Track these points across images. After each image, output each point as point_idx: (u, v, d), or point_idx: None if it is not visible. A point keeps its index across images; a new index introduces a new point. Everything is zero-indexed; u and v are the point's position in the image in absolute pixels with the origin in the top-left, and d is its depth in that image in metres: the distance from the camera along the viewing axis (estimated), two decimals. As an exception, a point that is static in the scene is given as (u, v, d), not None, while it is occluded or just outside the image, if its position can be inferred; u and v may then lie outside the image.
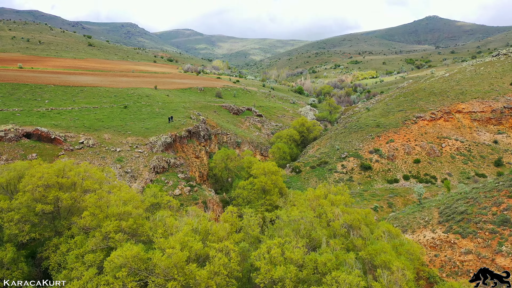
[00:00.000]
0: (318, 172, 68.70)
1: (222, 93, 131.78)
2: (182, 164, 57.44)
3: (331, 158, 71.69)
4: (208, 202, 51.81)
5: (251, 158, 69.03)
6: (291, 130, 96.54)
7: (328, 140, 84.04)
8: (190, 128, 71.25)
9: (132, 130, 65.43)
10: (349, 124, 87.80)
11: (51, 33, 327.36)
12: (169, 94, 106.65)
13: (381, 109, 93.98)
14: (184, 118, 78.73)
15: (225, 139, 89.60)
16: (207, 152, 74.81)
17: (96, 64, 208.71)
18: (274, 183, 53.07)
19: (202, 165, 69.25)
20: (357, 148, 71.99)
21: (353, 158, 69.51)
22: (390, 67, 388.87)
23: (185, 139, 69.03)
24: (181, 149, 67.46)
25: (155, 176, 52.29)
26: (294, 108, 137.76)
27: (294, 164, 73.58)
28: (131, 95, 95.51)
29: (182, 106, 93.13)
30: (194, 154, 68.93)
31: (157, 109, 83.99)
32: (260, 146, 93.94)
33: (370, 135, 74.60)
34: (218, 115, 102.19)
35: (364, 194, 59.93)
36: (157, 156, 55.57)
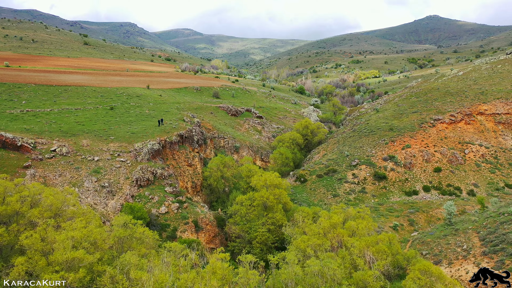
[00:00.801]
0: (326, 181, 61.03)
1: (220, 93, 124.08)
2: (170, 175, 49.68)
3: (340, 166, 64.03)
4: (200, 221, 44.09)
5: (251, 166, 61.50)
6: (294, 133, 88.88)
7: (336, 144, 76.36)
8: (182, 133, 63.54)
9: (116, 135, 57.74)
10: (358, 127, 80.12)
11: (46, 32, 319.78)
12: (162, 94, 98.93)
13: (392, 110, 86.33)
14: (177, 120, 71.03)
15: (222, 143, 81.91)
16: (202, 159, 67.10)
17: (90, 63, 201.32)
18: (278, 198, 45.42)
19: (195, 174, 61.55)
20: (369, 154, 64.33)
21: (365, 166, 61.87)
22: (392, 66, 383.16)
23: (177, 145, 61.34)
24: (172, 156, 59.76)
25: (138, 190, 44.57)
26: (296, 109, 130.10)
27: (299, 172, 65.92)
28: (120, 95, 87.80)
29: (175, 107, 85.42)
30: (187, 162, 61.22)
31: (147, 111, 76.30)
32: (260, 151, 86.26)
33: (383, 139, 66.97)
34: (215, 116, 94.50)
35: (380, 209, 52.28)
36: (141, 166, 47.86)
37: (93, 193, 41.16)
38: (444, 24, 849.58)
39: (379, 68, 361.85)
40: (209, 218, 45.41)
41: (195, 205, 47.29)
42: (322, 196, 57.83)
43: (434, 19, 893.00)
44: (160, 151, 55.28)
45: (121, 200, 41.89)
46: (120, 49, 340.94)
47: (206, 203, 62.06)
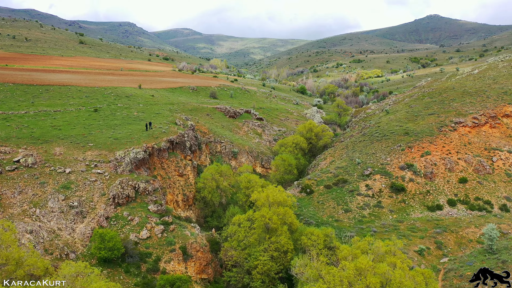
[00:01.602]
0: (335, 193, 53.69)
1: (218, 93, 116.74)
2: (156, 190, 42.29)
3: (351, 175, 56.69)
4: (190, 247, 36.74)
5: (250, 176, 54.29)
6: (297, 137, 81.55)
7: (344, 150, 69.03)
8: (172, 138, 56.18)
9: (96, 141, 50.42)
10: (369, 131, 72.77)
11: (40, 31, 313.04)
12: (154, 94, 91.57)
13: (404, 111, 79.02)
14: (168, 124, 63.70)
15: (219, 148, 74.58)
16: (195, 167, 59.70)
17: (84, 62, 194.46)
18: (282, 217, 38.11)
19: (187, 186, 54.17)
20: (383, 162, 57.00)
21: (379, 175, 54.54)
22: (394, 65, 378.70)
23: (166, 152, 53.99)
24: (160, 165, 52.41)
25: (115, 210, 37.20)
26: (298, 110, 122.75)
27: (304, 182, 58.58)
28: (107, 95, 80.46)
29: (167, 109, 78.09)
30: (177, 172, 53.85)
31: (135, 113, 68.97)
32: (260, 156, 78.94)
33: (398, 145, 59.64)
34: (211, 118, 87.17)
35: (400, 228, 44.99)
36: (121, 180, 40.49)
37: (58, 215, 33.81)
38: (444, 23, 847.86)
39: (381, 68, 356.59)
40: (201, 242, 38.03)
41: (184, 226, 39.90)
42: (331, 211, 50.48)
43: (434, 18, 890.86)
44: (145, 160, 47.92)
45: (92, 223, 34.54)
46: (117, 48, 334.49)
47: (200, 217, 54.80)
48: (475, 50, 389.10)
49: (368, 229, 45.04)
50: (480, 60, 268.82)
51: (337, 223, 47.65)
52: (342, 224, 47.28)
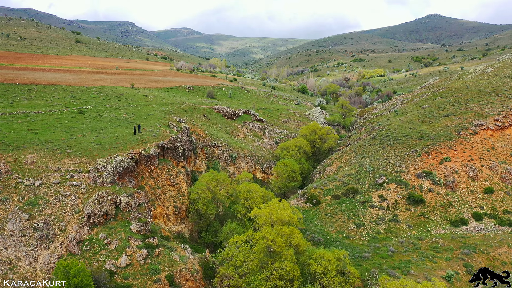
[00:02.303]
0: (345, 205, 47.98)
1: (216, 92, 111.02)
2: (141, 205, 36.52)
3: (361, 184, 50.96)
4: (178, 275, 30.98)
5: (250, 186, 48.56)
6: (300, 140, 75.86)
7: (352, 155, 63.27)
8: (163, 143, 50.40)
9: (76, 147, 44.69)
10: (378, 133, 67.03)
11: (36, 29, 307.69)
12: (147, 94, 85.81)
13: (415, 112, 73.34)
14: (159, 127, 57.98)
15: (216, 152, 68.85)
16: (188, 175, 53.88)
17: (78, 60, 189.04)
18: (288, 239, 32.44)
19: (179, 196, 48.41)
20: (398, 169, 51.27)
21: (394, 185, 48.83)
22: (396, 65, 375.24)
23: (156, 159, 48.25)
24: (149, 174, 46.67)
25: (90, 231, 31.45)
26: (300, 111, 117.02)
27: (310, 191, 52.85)
28: (96, 95, 74.71)
29: (160, 110, 72.39)
30: (168, 181, 48.09)
31: (124, 115, 63.23)
32: (261, 161, 73.21)
33: (414, 150, 53.89)
34: (208, 120, 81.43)
35: (421, 247, 39.29)
36: (100, 194, 34.73)
37: (18, 240, 28.08)
38: (445, 23, 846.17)
39: (382, 67, 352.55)
40: (192, 268, 32.23)
41: (173, 248, 34.11)
42: (341, 225, 44.77)
43: (435, 18, 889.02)
44: (131, 168, 42.16)
45: (60, 249, 28.80)
46: (114, 47, 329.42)
47: (193, 232, 49.05)
48: (477, 49, 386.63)
49: (385, 248, 39.34)
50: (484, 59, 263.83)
51: (348, 241, 41.95)
52: (354, 242, 41.57)
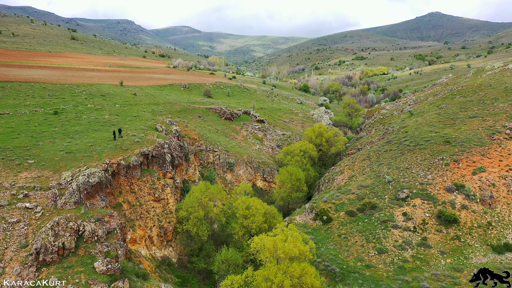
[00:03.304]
0: (362, 224, 40.42)
1: (213, 91, 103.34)
2: (111, 233, 28.95)
3: (380, 198, 43.42)
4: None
5: (250, 201, 40.97)
6: (305, 143, 68.28)
7: (366, 161, 55.63)
8: (147, 150, 42.77)
9: (41, 156, 37.11)
10: (395, 137, 59.40)
11: (31, 26, 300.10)
12: (137, 93, 78.17)
13: (434, 113, 65.81)
14: (145, 130, 50.37)
15: (212, 158, 61.24)
16: (178, 188, 46.19)
17: (71, 58, 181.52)
18: (299, 280, 24.91)
19: (165, 214, 40.80)
20: (423, 181, 43.70)
21: (420, 200, 41.28)
22: (398, 63, 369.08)
23: (138, 170, 40.63)
24: (129, 188, 39.06)
25: (37, 274, 23.80)
26: (303, 110, 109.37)
27: (319, 206, 45.27)
28: (78, 94, 67.06)
29: (150, 110, 64.78)
30: (153, 196, 40.48)
31: (107, 116, 55.60)
32: (262, 167, 65.61)
33: (440, 158, 46.30)
34: (203, 121, 73.80)
35: (460, 281, 31.63)
36: (57, 220, 27.17)
37: None
38: (446, 21, 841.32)
39: (385, 65, 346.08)
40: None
41: None
42: (359, 250, 37.23)
43: (436, 16, 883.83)
44: (104, 183, 34.55)
45: (-10, 304, 21.29)
46: (110, 45, 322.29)
47: (183, 256, 41.45)
48: (481, 47, 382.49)
49: (417, 283, 31.75)
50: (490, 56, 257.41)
51: (369, 271, 34.38)
52: (376, 274, 34.00)
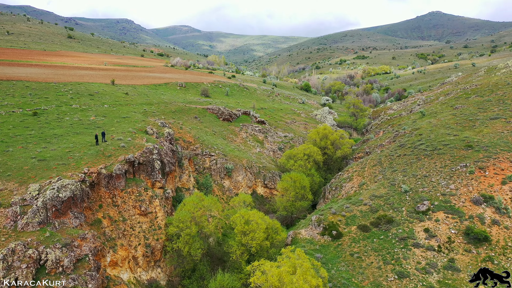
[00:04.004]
0: (378, 242, 35.40)
1: (211, 90, 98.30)
2: (83, 260, 23.87)
3: (397, 211, 38.39)
4: None
5: (249, 215, 36.05)
6: (309, 147, 63.22)
7: (377, 167, 50.59)
8: (132, 157, 37.70)
9: (8, 164, 32.09)
10: (407, 140, 54.34)
11: (27, 24, 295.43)
12: (129, 92, 73.17)
13: (448, 114, 60.82)
14: (133, 133, 45.35)
15: (208, 163, 56.22)
16: (168, 198, 41.08)
17: (66, 56, 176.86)
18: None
19: (153, 230, 35.75)
20: (445, 191, 38.66)
21: (443, 213, 36.26)
22: (400, 62, 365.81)
23: (122, 179, 35.58)
24: (111, 200, 34.03)
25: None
26: (306, 110, 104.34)
27: (327, 218, 40.25)
28: (64, 93, 62.03)
29: (141, 111, 59.76)
30: (138, 209, 35.44)
31: (92, 117, 50.57)
32: (262, 173, 60.58)
33: (463, 165, 41.26)
34: (200, 123, 68.77)
35: (499, 314, 26.68)
36: (13, 247, 22.14)
37: None
38: (447, 20, 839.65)
39: (386, 64, 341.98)
40: None
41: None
42: (376, 273, 32.21)
43: (437, 15, 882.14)
44: (79, 197, 29.51)
45: None
46: (108, 43, 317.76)
47: (173, 277, 36.39)
48: (483, 46, 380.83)
49: (448, 318, 26.78)
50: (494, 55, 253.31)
51: (389, 301, 29.38)
52: (398, 304, 28.98)
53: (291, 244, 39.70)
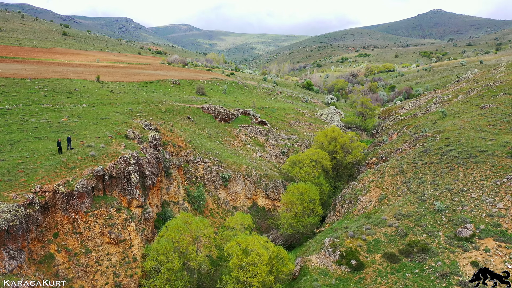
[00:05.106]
0: (412, 278, 27.88)
1: (207, 88, 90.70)
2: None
3: (432, 236, 30.88)
4: None
5: (248, 242, 28.59)
6: (317, 151, 55.61)
7: (399, 177, 43.02)
8: (102, 169, 30.11)
9: None
10: (432, 145, 46.72)
11: (21, 21, 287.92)
12: (115, 90, 65.60)
13: (476, 114, 53.30)
14: (110, 138, 37.78)
15: (201, 171, 48.67)
16: (150, 219, 33.50)
17: (58, 53, 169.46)
18: None
19: (125, 264, 28.17)
20: (492, 211, 31.15)
21: (493, 241, 28.75)
22: (403, 60, 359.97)
23: (86, 199, 28.01)
24: (71, 226, 26.48)
25: None
26: (310, 110, 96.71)
27: (343, 242, 32.75)
28: (37, 90, 54.45)
29: (125, 111, 52.18)
30: (108, 236, 27.91)
31: (64, 118, 43.02)
32: (264, 181, 53.02)
33: (510, 177, 33.73)
34: (193, 124, 61.20)
35: None
36: None
37: None
38: (448, 18, 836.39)
39: (389, 62, 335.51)
40: None
41: None
42: (413, 323, 24.70)
43: (438, 13, 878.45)
44: (19, 228, 21.98)
45: None
46: (104, 41, 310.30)
47: (152, 321, 28.70)
48: (487, 44, 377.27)
49: None
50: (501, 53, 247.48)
51: None
52: None
53: (299, 275, 32.33)
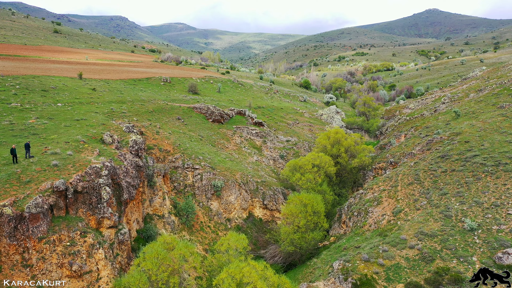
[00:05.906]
0: (444, 317, 22.64)
1: (200, 86, 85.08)
2: None
3: (464, 261, 25.69)
4: None
5: (244, 272, 23.03)
6: (319, 155, 50.25)
7: (415, 186, 37.77)
8: (63, 184, 24.54)
9: None
10: (451, 150, 41.56)
11: (11, 18, 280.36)
12: (98, 88, 59.84)
13: (495, 114, 48.27)
14: (81, 143, 32.16)
15: (191, 179, 43.16)
16: (125, 243, 27.99)
17: (47, 51, 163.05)
18: None
19: (90, 303, 22.79)
20: (535, 232, 26.00)
21: (542, 270, 23.58)
22: (401, 59, 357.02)
23: (41, 221, 22.44)
24: (19, 258, 20.90)
25: None
26: (309, 110, 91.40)
27: (357, 268, 27.45)
28: (7, 88, 48.64)
29: (106, 111, 46.51)
30: (68, 268, 22.36)
31: (32, 120, 37.34)
32: (261, 190, 47.55)
33: (552, 190, 28.64)
34: (183, 125, 55.63)
35: None
36: None
37: None
38: (444, 17, 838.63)
39: (387, 61, 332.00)
40: None
41: None
42: None
43: (434, 12, 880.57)
44: None
45: None
46: (97, 39, 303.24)
47: None
48: (485, 43, 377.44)
49: None
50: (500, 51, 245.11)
51: None
52: None
53: (304, 307, 27.04)
